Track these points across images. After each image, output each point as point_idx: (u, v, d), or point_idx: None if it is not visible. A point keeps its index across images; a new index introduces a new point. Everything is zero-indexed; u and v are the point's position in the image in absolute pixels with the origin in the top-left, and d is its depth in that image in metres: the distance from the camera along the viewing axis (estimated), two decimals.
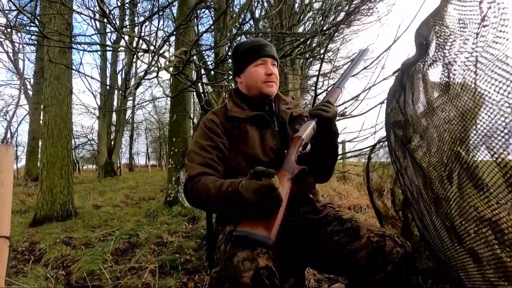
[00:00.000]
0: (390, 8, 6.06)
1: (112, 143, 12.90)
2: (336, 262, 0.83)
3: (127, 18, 10.24)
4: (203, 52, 4.16)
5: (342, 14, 5.37)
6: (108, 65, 12.77)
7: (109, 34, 10.72)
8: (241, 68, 1.07)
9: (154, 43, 2.21)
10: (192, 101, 5.77)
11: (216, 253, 0.81)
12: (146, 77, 2.14)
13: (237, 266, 0.68)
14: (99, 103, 12.70)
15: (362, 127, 2.74)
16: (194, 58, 2.70)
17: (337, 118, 2.80)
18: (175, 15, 4.23)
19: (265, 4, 5.63)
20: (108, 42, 10.96)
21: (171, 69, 2.41)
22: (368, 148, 2.76)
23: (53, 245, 2.46)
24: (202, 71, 3.63)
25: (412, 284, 0.76)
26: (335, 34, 4.06)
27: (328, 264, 0.86)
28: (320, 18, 4.36)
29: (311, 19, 6.17)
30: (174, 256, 2.09)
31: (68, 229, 3.09)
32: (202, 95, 3.45)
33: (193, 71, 3.35)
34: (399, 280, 0.73)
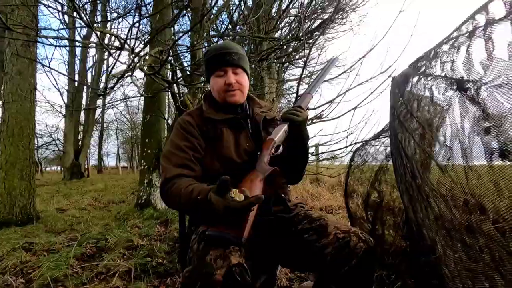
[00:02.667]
0: (362, 18, 6.36)
1: (80, 143, 12.23)
2: (305, 258, 0.87)
3: (98, 13, 9.82)
4: (180, 52, 4.11)
5: (318, 21, 5.57)
6: (77, 61, 12.11)
7: (78, 29, 10.22)
8: (207, 77, 1.09)
9: (128, 41, 2.15)
10: (166, 101, 5.65)
11: (188, 253, 0.81)
12: (117, 75, 2.07)
13: (209, 264, 0.69)
14: (66, 101, 11.97)
15: (335, 130, 2.86)
16: (170, 58, 2.66)
17: (315, 120, 2.90)
18: (150, 12, 4.15)
19: (243, 7, 5.68)
20: (77, 37, 10.43)
21: (145, 68, 2.36)
22: (341, 150, 2.89)
23: (11, 251, 2.29)
24: (178, 72, 3.58)
25: (374, 276, 0.81)
26: (311, 41, 4.20)
27: (299, 261, 0.90)
28: (297, 24, 4.49)
29: (287, 24, 6.31)
30: (145, 259, 2.03)
31: (28, 234, 2.88)
32: (178, 95, 3.40)
33: (169, 71, 3.29)
34: (363, 273, 0.78)
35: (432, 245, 0.95)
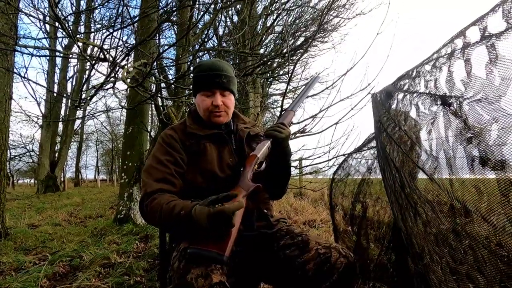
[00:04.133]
0: (343, 37, 6.64)
1: (57, 155, 11.72)
2: (287, 274, 0.87)
3: (81, 23, 9.69)
4: (164, 65, 4.10)
5: (302, 39, 5.77)
6: (57, 71, 11.77)
7: (60, 39, 10.02)
8: (194, 92, 1.09)
9: (111, 53, 2.14)
10: (150, 113, 5.58)
11: (169, 271, 0.79)
12: (97, 88, 2.04)
13: (190, 283, 0.68)
14: (43, 111, 11.55)
15: (318, 145, 2.92)
16: (154, 71, 2.65)
17: (298, 134, 2.96)
18: (135, 25, 4.15)
19: (228, 23, 5.80)
20: (58, 47, 10.21)
21: (128, 80, 2.34)
22: (324, 164, 2.94)
23: None
24: (163, 84, 3.57)
25: None
26: (294, 58, 4.32)
27: (281, 277, 0.89)
28: (281, 41, 4.63)
29: (272, 41, 6.49)
30: (122, 278, 1.94)
31: None
32: (161, 108, 3.38)
33: (153, 84, 3.28)
34: None
35: (420, 252, 0.98)
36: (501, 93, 0.64)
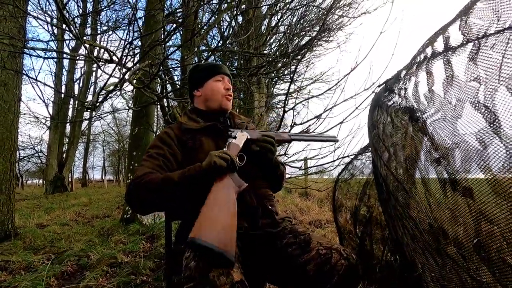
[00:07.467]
0: (348, 36, 6.60)
1: (64, 155, 11.87)
2: (290, 274, 0.86)
3: (88, 25, 9.80)
4: (170, 66, 4.12)
5: (306, 39, 5.75)
6: (64, 73, 11.93)
7: (67, 41, 10.15)
8: (200, 82, 1.15)
9: (119, 55, 2.16)
10: (155, 114, 5.62)
11: (184, 270, 0.78)
12: (107, 89, 2.06)
13: (213, 281, 0.68)
14: (51, 113, 11.71)
15: (323, 145, 2.91)
16: (160, 72, 2.67)
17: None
18: (140, 26, 4.18)
19: (233, 23, 5.80)
20: (66, 49, 10.34)
21: (135, 81, 2.36)
22: (329, 164, 2.92)
23: None
24: (168, 86, 3.60)
25: None
26: (299, 57, 4.31)
27: (284, 277, 0.89)
28: (286, 41, 4.61)
29: (276, 40, 6.48)
30: (129, 277, 1.96)
31: (5, 251, 2.74)
32: (167, 108, 3.40)
33: (159, 84, 3.30)
34: None
35: (411, 262, 0.96)
36: (457, 114, 0.58)
